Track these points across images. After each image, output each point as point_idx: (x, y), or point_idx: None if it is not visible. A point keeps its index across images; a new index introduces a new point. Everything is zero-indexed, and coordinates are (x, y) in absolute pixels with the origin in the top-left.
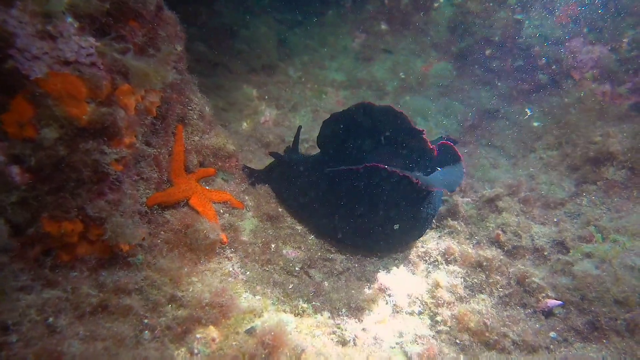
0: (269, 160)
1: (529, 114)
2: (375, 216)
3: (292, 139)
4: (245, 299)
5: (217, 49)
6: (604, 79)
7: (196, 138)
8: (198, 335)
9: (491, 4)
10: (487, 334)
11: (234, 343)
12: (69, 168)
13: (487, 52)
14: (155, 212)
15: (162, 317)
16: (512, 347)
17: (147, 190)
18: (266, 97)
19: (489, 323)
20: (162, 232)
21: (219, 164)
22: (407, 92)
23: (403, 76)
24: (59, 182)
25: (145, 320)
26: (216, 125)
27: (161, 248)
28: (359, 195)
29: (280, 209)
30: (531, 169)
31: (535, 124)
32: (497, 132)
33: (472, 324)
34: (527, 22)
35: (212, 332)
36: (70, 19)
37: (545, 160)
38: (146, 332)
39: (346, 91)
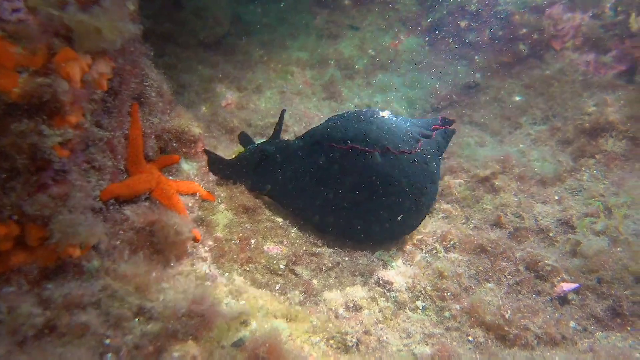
0: (238, 148)
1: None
2: (378, 201)
3: (259, 123)
4: (228, 306)
5: (162, 22)
6: (587, 47)
7: (155, 120)
8: (175, 354)
9: None
10: (506, 328)
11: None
12: None
13: (462, 23)
14: (111, 207)
15: (129, 334)
16: (535, 341)
17: (101, 182)
18: (224, 77)
19: (507, 315)
20: (122, 232)
21: (183, 150)
22: (378, 69)
23: (372, 53)
24: None
25: (107, 341)
26: (177, 105)
27: (122, 250)
28: (363, 178)
29: (257, 200)
30: (521, 145)
31: (517, 98)
32: (478, 109)
33: (488, 318)
34: None
35: (192, 348)
36: None
37: (533, 135)
38: (109, 355)
39: (313, 70)
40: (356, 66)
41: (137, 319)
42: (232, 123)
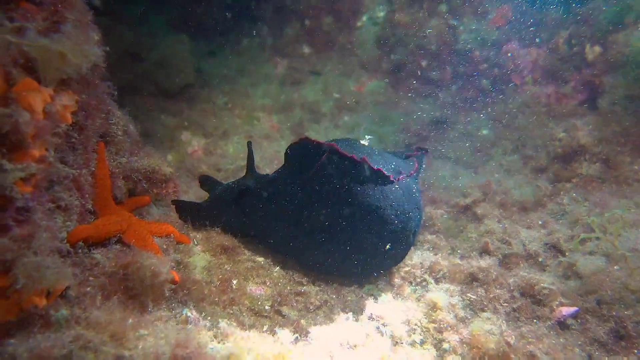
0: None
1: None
2: (363, 231)
3: (229, 167)
4: (214, 350)
5: (123, 74)
6: (546, 80)
7: (123, 160)
8: None
9: (420, 14)
10: (512, 356)
11: None
12: None
13: (423, 63)
14: (80, 251)
15: None
16: None
17: (68, 223)
18: (189, 125)
19: (512, 342)
20: (92, 278)
21: (154, 190)
22: (344, 111)
23: (337, 96)
24: None
25: None
26: (145, 146)
27: (93, 297)
28: (347, 203)
29: (235, 240)
30: (496, 175)
31: (485, 131)
32: (448, 144)
33: (491, 346)
34: (461, 26)
35: None
36: None
37: (505, 166)
38: None
39: (279, 115)
40: (322, 109)
41: None
42: (201, 169)
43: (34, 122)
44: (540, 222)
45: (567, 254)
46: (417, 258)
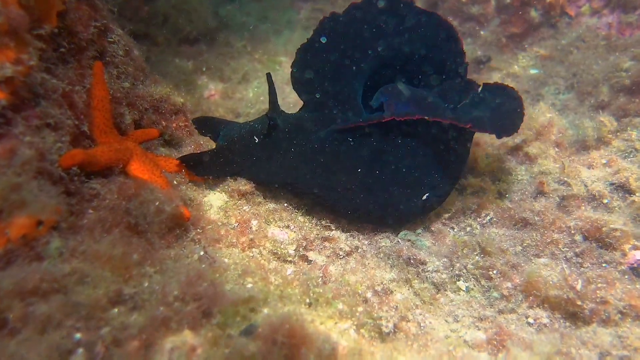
0: None
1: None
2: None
3: (249, 111)
4: (232, 290)
5: (134, 16)
6: (607, 9)
7: (126, 84)
8: (168, 345)
9: None
10: (579, 303)
11: (226, 350)
12: None
13: None
14: (75, 179)
15: (106, 326)
16: (618, 316)
17: (59, 144)
18: (206, 68)
19: (578, 287)
20: (91, 210)
21: (163, 123)
22: None
23: None
24: None
25: (77, 335)
26: (152, 74)
27: (92, 229)
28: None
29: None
30: (548, 115)
31: (533, 71)
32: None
33: (552, 292)
34: None
35: (190, 338)
36: None
37: (559, 105)
38: (79, 350)
39: None
40: None
41: (116, 309)
42: (218, 112)
43: (5, 12)
44: (604, 162)
45: (637, 193)
46: (458, 203)
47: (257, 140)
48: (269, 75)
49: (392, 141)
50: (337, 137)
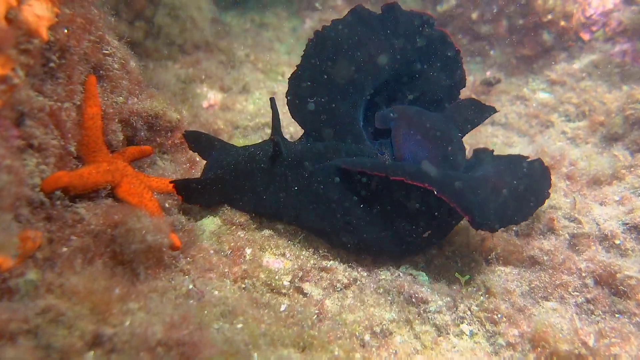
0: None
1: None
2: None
3: (248, 124)
4: (220, 330)
5: (132, 23)
6: (621, 36)
7: (120, 99)
8: None
9: None
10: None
11: None
12: None
13: (474, 15)
14: (58, 203)
15: None
16: None
17: (42, 167)
18: (206, 77)
19: (591, 342)
20: (74, 237)
21: (157, 140)
22: None
23: None
24: None
25: None
26: (148, 88)
27: (72, 259)
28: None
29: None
30: (558, 143)
31: (543, 95)
32: (500, 108)
33: (563, 347)
34: None
35: None
36: None
37: (570, 134)
38: None
39: None
40: None
41: (91, 353)
42: (216, 125)
43: None
44: (617, 198)
45: None
46: (463, 236)
47: (264, 166)
48: (272, 100)
49: None
50: (339, 172)
